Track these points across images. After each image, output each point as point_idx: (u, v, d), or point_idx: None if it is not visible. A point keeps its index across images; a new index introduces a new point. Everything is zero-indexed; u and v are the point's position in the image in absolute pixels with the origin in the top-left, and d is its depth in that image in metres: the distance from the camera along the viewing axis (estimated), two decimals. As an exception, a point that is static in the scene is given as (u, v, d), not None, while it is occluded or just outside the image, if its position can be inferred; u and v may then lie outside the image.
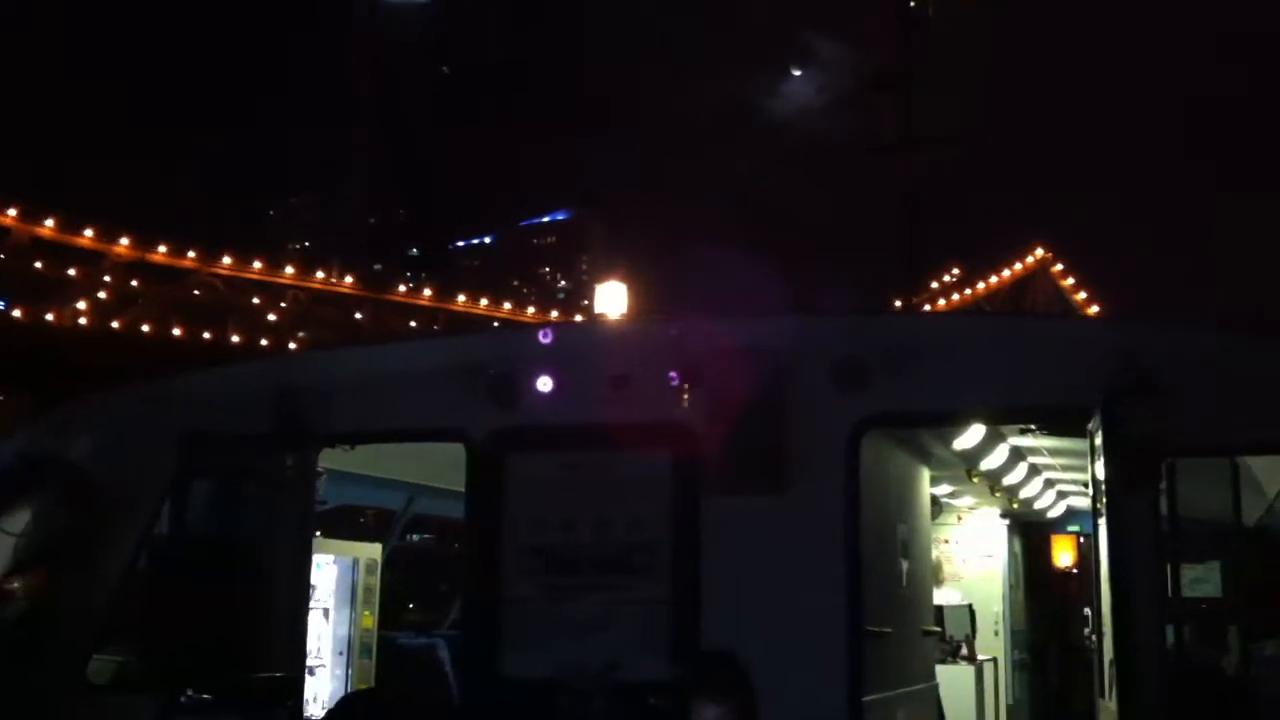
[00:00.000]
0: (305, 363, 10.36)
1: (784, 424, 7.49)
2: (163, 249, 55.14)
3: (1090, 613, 12.28)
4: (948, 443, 9.75)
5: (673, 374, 7.67)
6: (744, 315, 8.15)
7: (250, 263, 57.75)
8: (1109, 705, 7.10)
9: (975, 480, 11.97)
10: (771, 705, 6.78)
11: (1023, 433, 9.90)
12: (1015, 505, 14.22)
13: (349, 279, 61.74)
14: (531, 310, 66.92)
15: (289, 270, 59.34)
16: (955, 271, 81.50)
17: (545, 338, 8.07)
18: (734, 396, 7.52)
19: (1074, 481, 12.69)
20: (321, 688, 11.70)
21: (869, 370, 7.53)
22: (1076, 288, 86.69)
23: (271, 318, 57.45)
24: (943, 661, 11.85)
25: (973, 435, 9.67)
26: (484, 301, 64.59)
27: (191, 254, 55.75)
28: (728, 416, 7.53)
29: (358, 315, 59.99)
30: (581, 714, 7.38)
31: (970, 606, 13.46)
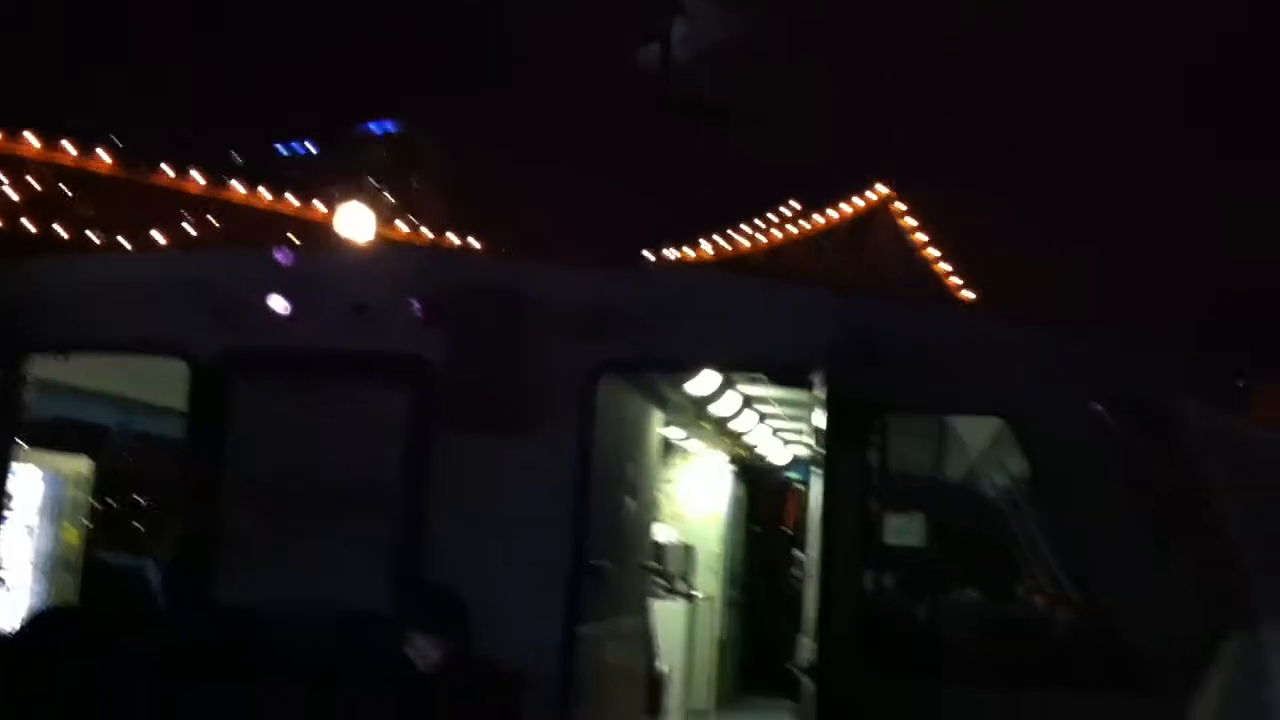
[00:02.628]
0: (14, 267, 9.71)
1: (523, 364, 7.52)
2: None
3: (801, 556, 12.90)
4: (681, 388, 10.02)
5: (415, 304, 7.57)
6: (493, 255, 8.13)
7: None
8: (809, 642, 7.50)
9: (705, 425, 12.34)
10: (488, 636, 6.87)
11: (752, 381, 10.27)
12: (741, 451, 14.73)
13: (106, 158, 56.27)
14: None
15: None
16: (795, 206, 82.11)
17: (283, 258, 7.81)
18: (475, 333, 7.49)
19: (796, 431, 13.24)
20: (18, 602, 11.11)
21: (610, 317, 7.63)
22: (917, 229, 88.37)
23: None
24: (660, 597, 12.21)
25: (705, 382, 9.97)
26: (263, 191, 60.75)
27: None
28: (467, 353, 7.50)
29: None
30: (296, 646, 7.27)
31: (690, 545, 13.89)
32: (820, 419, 7.32)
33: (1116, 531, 6.86)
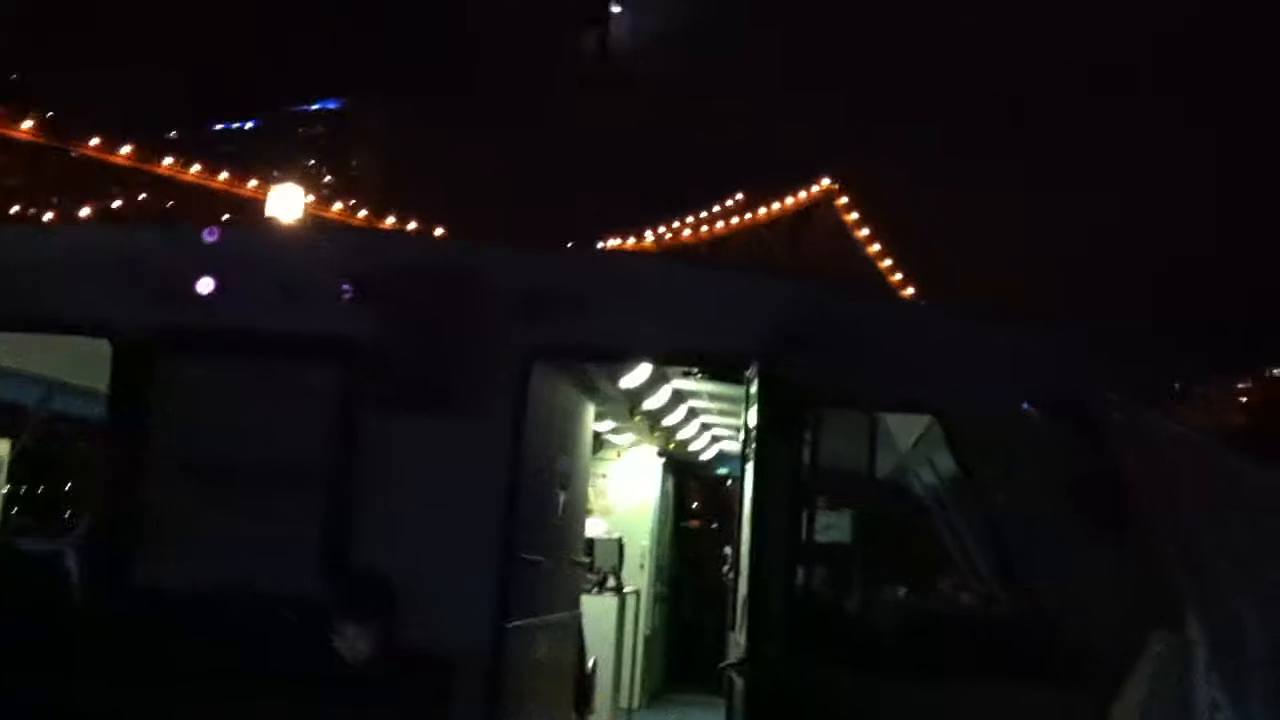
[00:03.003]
0: None
1: (454, 348, 7.44)
2: None
3: (730, 551, 12.93)
4: (614, 380, 9.98)
5: (346, 287, 7.47)
6: (426, 235, 8.04)
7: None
8: (738, 638, 7.50)
9: (637, 419, 12.32)
10: (416, 626, 6.79)
11: (685, 375, 10.25)
12: (672, 446, 14.74)
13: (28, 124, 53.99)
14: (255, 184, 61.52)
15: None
16: (739, 197, 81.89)
17: (210, 236, 7.67)
18: (406, 315, 7.40)
19: (727, 427, 13.26)
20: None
21: (545, 303, 7.57)
22: (860, 223, 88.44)
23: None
24: (589, 592, 12.18)
25: (638, 375, 9.94)
26: (196, 168, 58.82)
27: None
28: (399, 335, 7.41)
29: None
30: (222, 630, 7.14)
31: (620, 540, 13.87)
32: (753, 412, 7.32)
33: (1043, 527, 6.93)
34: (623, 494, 15.02)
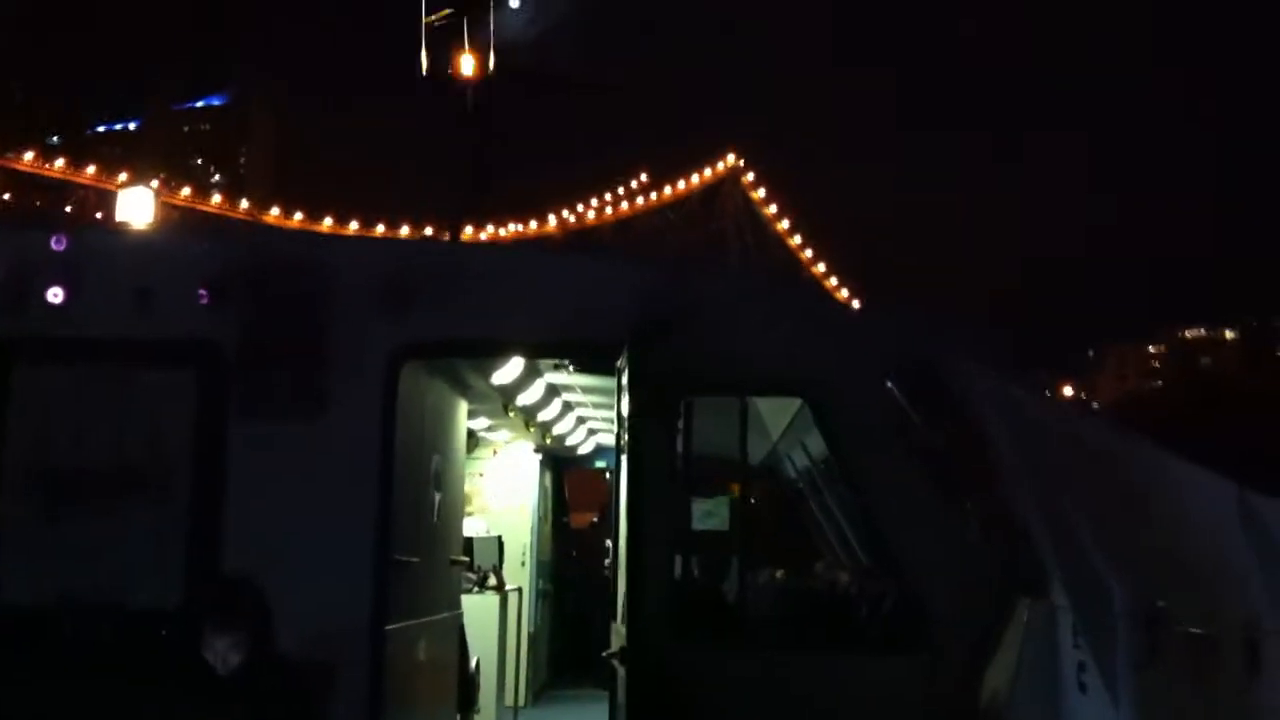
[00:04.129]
0: None
1: (319, 348, 7.30)
2: None
3: (610, 544, 12.94)
4: (486, 376, 9.90)
5: (201, 291, 7.29)
6: (286, 232, 7.87)
7: None
8: (619, 628, 7.49)
9: (512, 415, 12.24)
10: (292, 632, 6.65)
11: (557, 368, 10.21)
12: (549, 441, 14.68)
13: None
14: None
15: None
16: (643, 178, 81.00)
17: (58, 244, 7.43)
18: (267, 317, 7.24)
19: (603, 419, 13.27)
20: None
21: (409, 297, 7.47)
22: (767, 200, 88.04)
23: None
24: (470, 591, 12.08)
25: (510, 370, 9.87)
26: (60, 163, 57.16)
27: None
28: (260, 337, 7.25)
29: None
30: (85, 642, 6.91)
31: (500, 538, 13.78)
32: (624, 400, 7.31)
33: (909, 501, 7.06)
34: (501, 492, 14.92)
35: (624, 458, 7.56)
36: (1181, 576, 5.06)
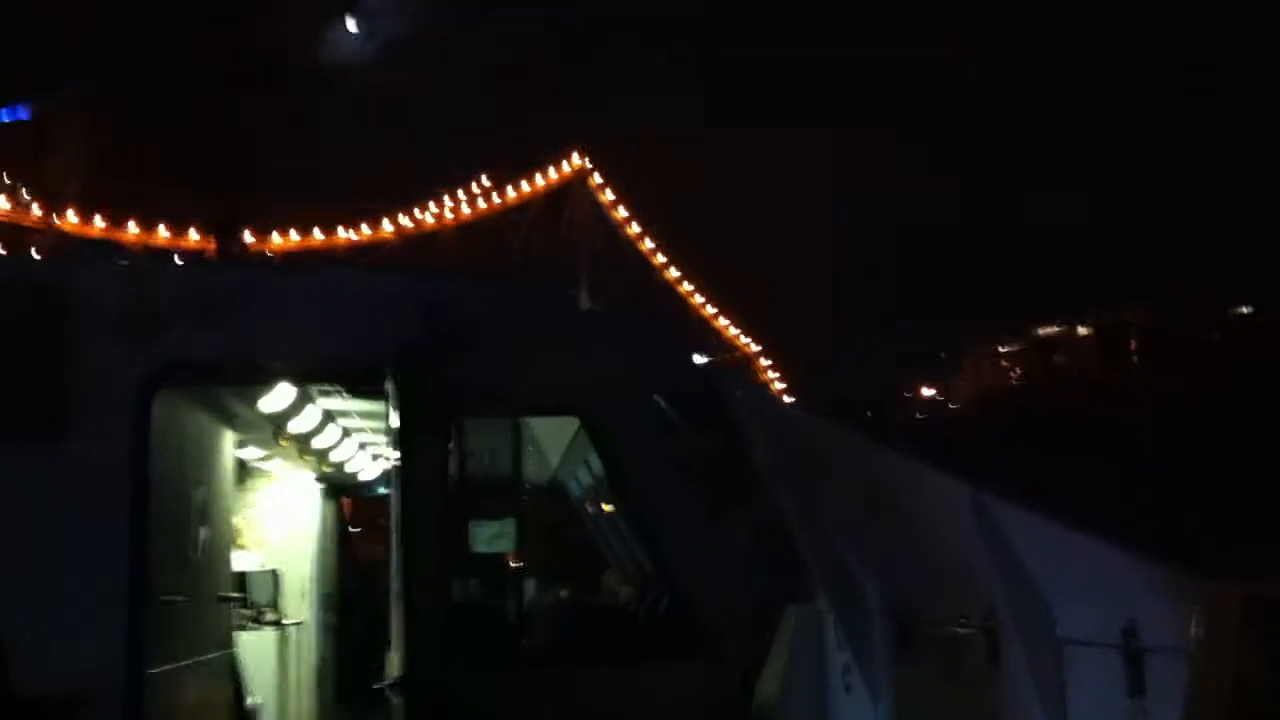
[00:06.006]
0: None
1: (59, 373, 6.90)
2: None
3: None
4: (252, 404, 9.53)
5: None
6: (22, 253, 7.45)
7: None
8: (394, 656, 7.31)
9: (284, 444, 11.83)
10: (40, 679, 6.27)
11: (329, 393, 9.92)
12: (328, 469, 14.27)
13: None
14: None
15: None
16: (484, 181, 78.26)
17: None
18: (5, 337, 6.81)
19: (385, 444, 12.97)
20: None
21: (161, 321, 7.14)
22: (615, 203, 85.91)
23: None
24: (244, 628, 11.64)
25: (280, 396, 9.52)
26: None
27: None
28: None
29: None
30: None
31: (275, 571, 13.32)
32: (394, 422, 7.16)
33: (680, 513, 7.13)
34: (278, 523, 14.39)
35: (396, 482, 7.40)
36: (928, 575, 5.25)
